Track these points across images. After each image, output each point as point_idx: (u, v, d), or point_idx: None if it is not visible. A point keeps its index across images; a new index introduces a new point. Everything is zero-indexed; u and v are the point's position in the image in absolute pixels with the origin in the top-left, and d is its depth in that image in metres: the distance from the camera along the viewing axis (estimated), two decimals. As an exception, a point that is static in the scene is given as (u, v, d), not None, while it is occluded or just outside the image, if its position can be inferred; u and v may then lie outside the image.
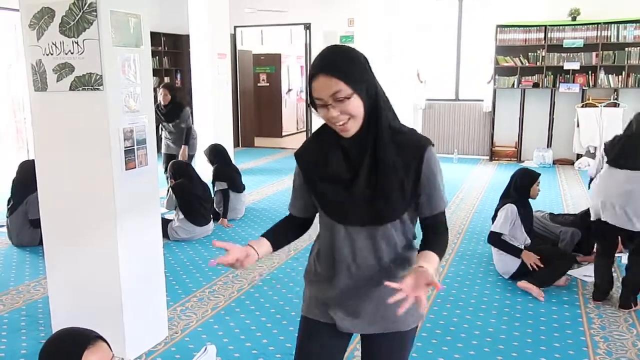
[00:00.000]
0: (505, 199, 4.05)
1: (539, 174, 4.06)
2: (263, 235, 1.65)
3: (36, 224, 4.75)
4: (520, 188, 4.00)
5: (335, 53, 1.44)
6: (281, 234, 1.70)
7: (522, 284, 3.79)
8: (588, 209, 4.03)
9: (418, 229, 1.63)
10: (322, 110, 1.44)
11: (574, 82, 8.64)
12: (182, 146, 6.01)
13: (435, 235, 1.56)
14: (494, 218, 4.06)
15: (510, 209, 3.86)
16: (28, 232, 4.75)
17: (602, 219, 3.50)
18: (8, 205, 4.91)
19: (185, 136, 6.04)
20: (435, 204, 1.54)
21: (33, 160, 4.93)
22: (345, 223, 1.55)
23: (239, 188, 5.69)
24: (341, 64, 1.41)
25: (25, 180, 4.79)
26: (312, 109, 1.49)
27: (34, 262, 4.47)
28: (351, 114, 1.43)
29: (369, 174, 1.48)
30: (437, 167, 1.52)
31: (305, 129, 11.68)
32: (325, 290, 1.64)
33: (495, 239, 3.92)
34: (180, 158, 5.94)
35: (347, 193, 1.50)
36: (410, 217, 1.57)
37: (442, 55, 9.98)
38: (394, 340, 1.66)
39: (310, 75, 1.43)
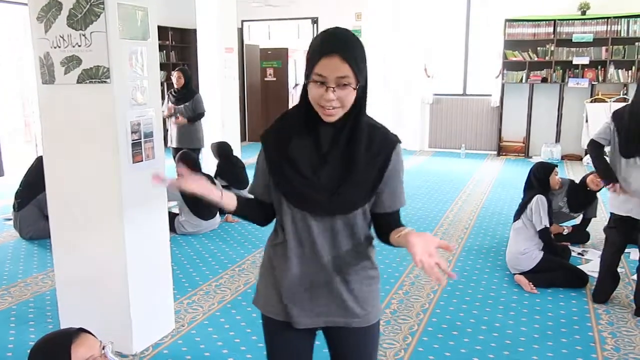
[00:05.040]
0: (529, 191, 4.00)
1: (555, 165, 4.06)
2: (237, 195, 1.61)
3: None
4: (540, 181, 3.98)
5: (352, 39, 1.41)
6: (249, 205, 1.63)
7: (518, 277, 3.81)
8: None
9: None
10: (319, 88, 1.39)
11: (583, 77, 8.57)
12: (183, 114, 5.99)
13: (400, 225, 1.56)
14: (518, 212, 3.97)
15: (541, 199, 3.81)
16: (41, 226, 4.76)
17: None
18: (17, 199, 4.93)
19: (193, 117, 6.04)
20: (398, 200, 1.56)
21: None
22: (306, 210, 1.51)
23: (242, 185, 5.68)
24: (357, 52, 1.40)
25: (40, 176, 4.80)
26: (306, 82, 1.43)
27: (42, 254, 4.50)
28: (344, 103, 1.41)
29: (338, 164, 1.47)
30: (402, 165, 1.54)
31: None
32: (280, 282, 1.58)
33: (548, 235, 3.85)
34: (175, 122, 5.95)
35: (312, 181, 1.47)
36: (367, 210, 1.56)
37: (449, 49, 9.92)
38: (359, 336, 1.63)
39: (323, 50, 1.38)
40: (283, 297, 1.58)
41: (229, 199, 1.56)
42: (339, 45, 1.38)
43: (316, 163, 1.48)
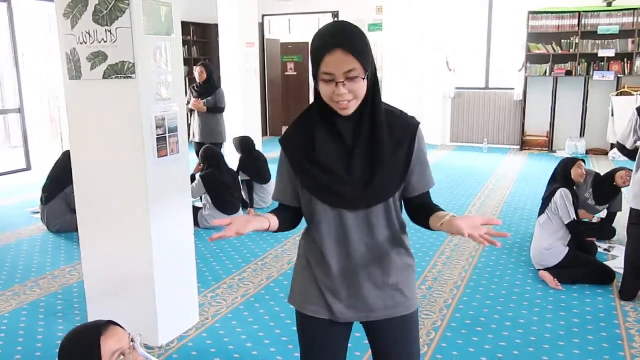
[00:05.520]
0: (552, 184, 3.98)
1: (580, 159, 4.03)
2: (271, 212, 1.60)
3: None
4: (562, 174, 3.95)
5: (351, 30, 1.41)
6: (283, 217, 1.61)
7: (542, 273, 3.77)
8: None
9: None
10: (328, 86, 1.40)
11: (608, 70, 8.41)
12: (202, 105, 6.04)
13: (434, 205, 1.57)
14: (542, 206, 3.94)
15: (564, 192, 3.77)
16: (68, 219, 4.84)
17: None
18: (44, 192, 5.02)
19: (213, 108, 6.07)
20: (427, 181, 1.58)
21: None
22: (342, 207, 1.51)
23: (264, 179, 5.71)
24: (358, 42, 1.39)
25: (67, 170, 4.89)
26: (315, 83, 1.44)
27: (69, 247, 4.58)
28: (357, 94, 1.42)
29: (366, 155, 1.47)
30: (425, 146, 1.57)
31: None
32: (320, 279, 1.59)
33: (576, 228, 3.80)
34: (191, 106, 6.02)
35: (343, 175, 1.47)
36: (398, 196, 1.57)
37: (471, 42, 9.81)
38: (401, 324, 1.63)
39: (324, 48, 1.38)
40: (325, 294, 1.58)
41: (274, 222, 1.55)
42: (338, 39, 1.38)
43: (345, 158, 1.48)
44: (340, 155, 1.48)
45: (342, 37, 1.39)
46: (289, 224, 1.64)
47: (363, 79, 1.40)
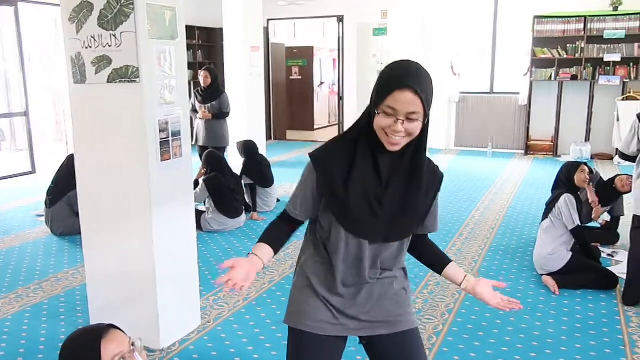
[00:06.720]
0: (556, 190, 3.99)
1: (584, 163, 4.03)
2: (262, 241, 1.61)
3: None
4: (566, 179, 3.96)
5: (424, 73, 1.43)
6: (280, 237, 1.65)
7: (545, 278, 3.76)
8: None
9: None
10: (388, 119, 1.41)
11: (614, 75, 8.40)
12: (208, 111, 6.12)
13: (437, 247, 1.76)
14: (546, 212, 3.94)
15: (568, 198, 3.76)
16: (72, 222, 4.87)
17: None
18: (49, 196, 5.05)
19: (218, 114, 6.15)
20: (436, 225, 1.70)
21: None
22: (362, 237, 1.54)
23: (267, 183, 5.73)
24: (428, 88, 1.42)
25: (71, 174, 4.92)
26: (375, 112, 1.43)
27: (73, 250, 4.60)
28: (411, 136, 1.44)
29: (399, 194, 1.51)
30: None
31: (337, 122, 11.67)
32: (327, 296, 1.63)
33: (580, 234, 3.81)
34: (200, 117, 6.11)
35: (376, 210, 1.51)
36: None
37: (477, 47, 9.82)
38: (403, 340, 1.67)
39: (397, 82, 1.39)
40: (330, 310, 1.63)
41: (268, 256, 1.59)
42: (413, 80, 1.39)
43: (379, 192, 1.50)
44: (374, 187, 1.50)
45: (417, 79, 1.39)
46: (282, 244, 1.65)
47: (421, 122, 1.42)
